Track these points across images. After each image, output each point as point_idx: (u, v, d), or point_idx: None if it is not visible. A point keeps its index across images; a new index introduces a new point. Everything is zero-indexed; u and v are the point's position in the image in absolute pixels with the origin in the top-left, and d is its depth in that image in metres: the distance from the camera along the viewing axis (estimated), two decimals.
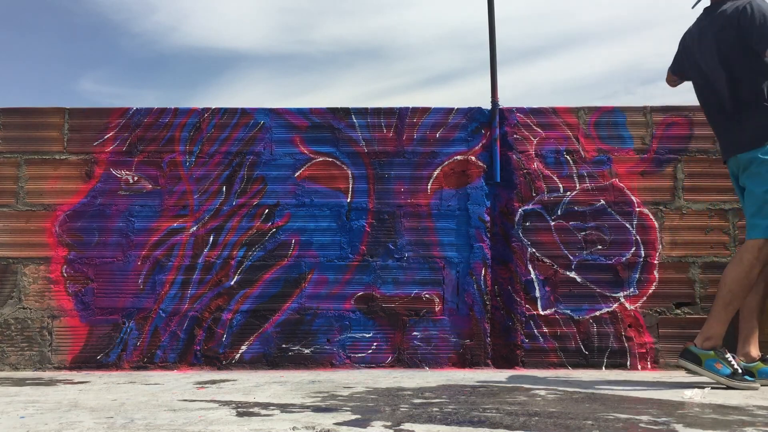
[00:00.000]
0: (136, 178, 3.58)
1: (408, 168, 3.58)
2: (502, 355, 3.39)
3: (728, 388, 2.48)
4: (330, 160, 3.59)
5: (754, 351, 2.74)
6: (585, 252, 3.46)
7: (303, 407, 2.00)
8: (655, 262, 3.45)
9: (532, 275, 3.45)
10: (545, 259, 3.47)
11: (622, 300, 3.43)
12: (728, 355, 2.55)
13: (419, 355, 3.43)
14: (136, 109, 3.64)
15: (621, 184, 3.52)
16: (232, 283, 3.50)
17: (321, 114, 3.64)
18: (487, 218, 3.52)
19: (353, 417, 1.81)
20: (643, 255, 3.46)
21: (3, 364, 3.41)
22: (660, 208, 3.50)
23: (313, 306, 3.48)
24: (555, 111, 3.61)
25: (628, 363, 3.37)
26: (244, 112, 3.64)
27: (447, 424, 1.68)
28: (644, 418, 1.83)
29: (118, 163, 3.58)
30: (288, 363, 3.42)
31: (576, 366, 3.37)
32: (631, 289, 3.44)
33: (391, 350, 3.43)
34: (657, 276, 3.44)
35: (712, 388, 2.50)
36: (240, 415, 1.87)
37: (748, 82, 2.59)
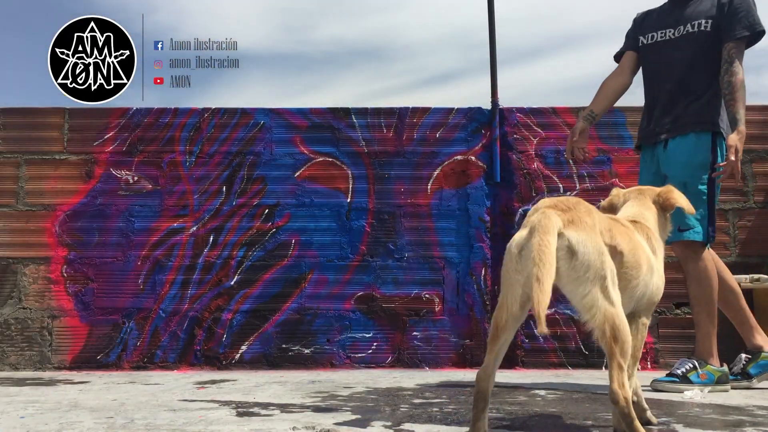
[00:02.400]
0: (136, 178, 3.58)
1: (408, 168, 3.58)
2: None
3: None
4: (330, 160, 3.58)
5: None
6: None
7: (303, 407, 2.00)
8: None
9: None
10: None
11: None
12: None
13: (419, 355, 3.43)
14: (136, 109, 3.64)
15: (621, 184, 3.51)
16: (232, 283, 3.49)
17: (321, 114, 3.64)
18: (487, 218, 3.51)
19: (353, 417, 1.81)
20: None
21: (3, 364, 3.40)
22: None
23: (313, 306, 3.48)
24: (555, 111, 3.61)
25: None
26: (244, 112, 3.63)
27: (447, 424, 1.68)
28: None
29: (118, 163, 3.58)
30: (288, 363, 3.42)
31: (576, 366, 3.37)
32: None
33: (391, 350, 3.43)
34: None
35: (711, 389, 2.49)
36: (240, 415, 1.87)
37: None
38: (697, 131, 2.55)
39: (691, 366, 2.49)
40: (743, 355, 2.59)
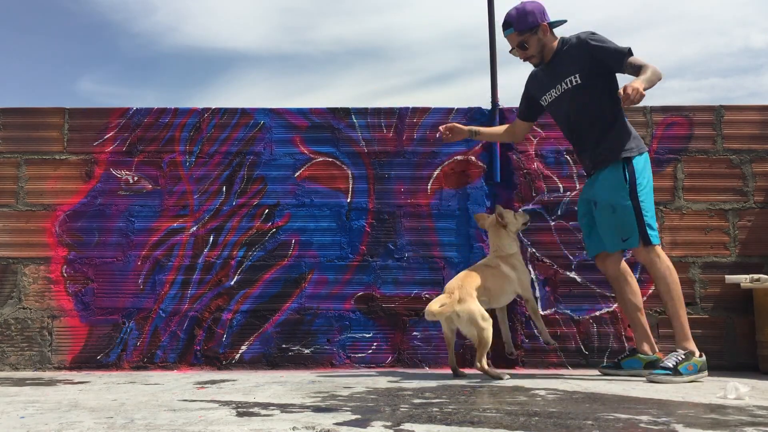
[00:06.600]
0: (136, 178, 3.58)
1: (408, 168, 3.58)
2: (502, 355, 3.39)
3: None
4: (330, 160, 3.58)
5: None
6: (585, 252, 3.46)
7: (303, 407, 2.00)
8: None
9: (532, 275, 3.45)
10: (545, 259, 3.47)
11: None
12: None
13: (419, 355, 3.43)
14: (136, 109, 3.64)
15: None
16: (232, 283, 3.50)
17: (321, 114, 3.64)
18: None
19: (353, 417, 1.81)
20: None
21: (3, 364, 3.41)
22: (660, 208, 3.49)
23: (313, 306, 3.48)
24: None
25: None
26: (244, 112, 3.64)
27: (447, 424, 1.68)
28: (644, 418, 1.83)
29: (118, 163, 3.59)
30: (288, 363, 3.42)
31: (576, 366, 3.37)
32: None
33: (391, 350, 3.43)
34: None
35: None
36: (240, 415, 1.87)
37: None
38: (610, 164, 2.88)
39: (682, 358, 2.75)
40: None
